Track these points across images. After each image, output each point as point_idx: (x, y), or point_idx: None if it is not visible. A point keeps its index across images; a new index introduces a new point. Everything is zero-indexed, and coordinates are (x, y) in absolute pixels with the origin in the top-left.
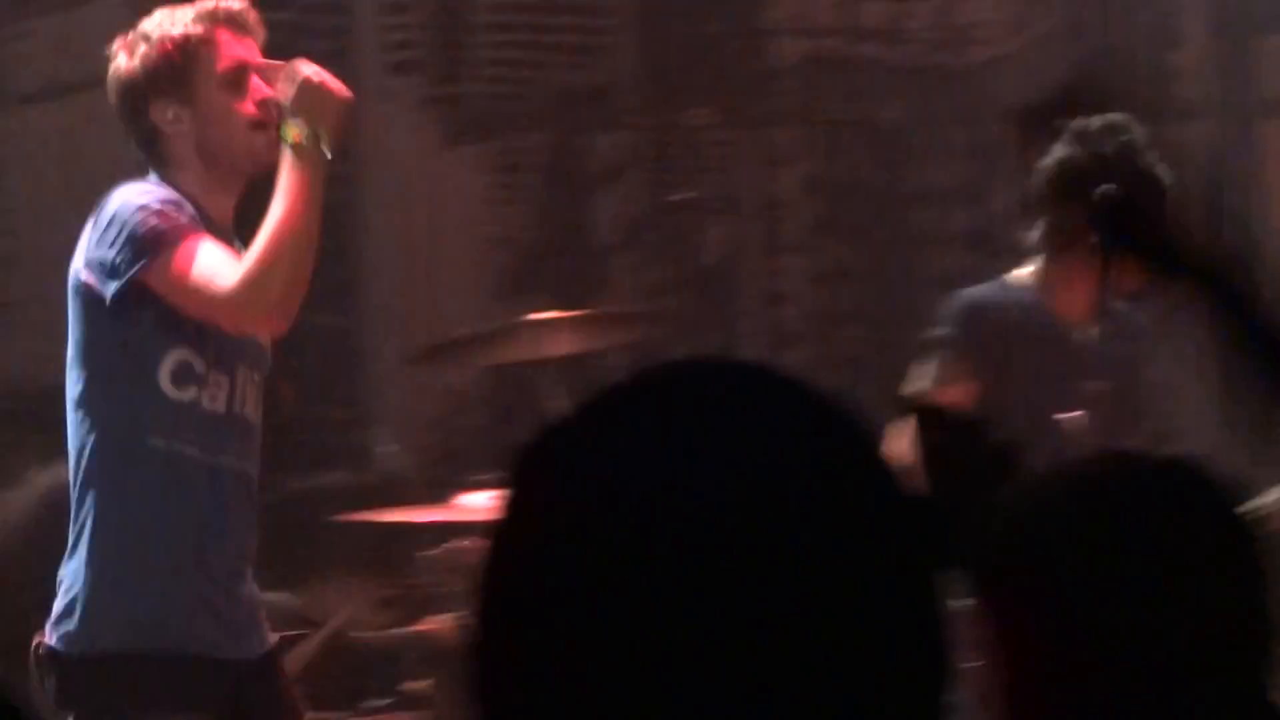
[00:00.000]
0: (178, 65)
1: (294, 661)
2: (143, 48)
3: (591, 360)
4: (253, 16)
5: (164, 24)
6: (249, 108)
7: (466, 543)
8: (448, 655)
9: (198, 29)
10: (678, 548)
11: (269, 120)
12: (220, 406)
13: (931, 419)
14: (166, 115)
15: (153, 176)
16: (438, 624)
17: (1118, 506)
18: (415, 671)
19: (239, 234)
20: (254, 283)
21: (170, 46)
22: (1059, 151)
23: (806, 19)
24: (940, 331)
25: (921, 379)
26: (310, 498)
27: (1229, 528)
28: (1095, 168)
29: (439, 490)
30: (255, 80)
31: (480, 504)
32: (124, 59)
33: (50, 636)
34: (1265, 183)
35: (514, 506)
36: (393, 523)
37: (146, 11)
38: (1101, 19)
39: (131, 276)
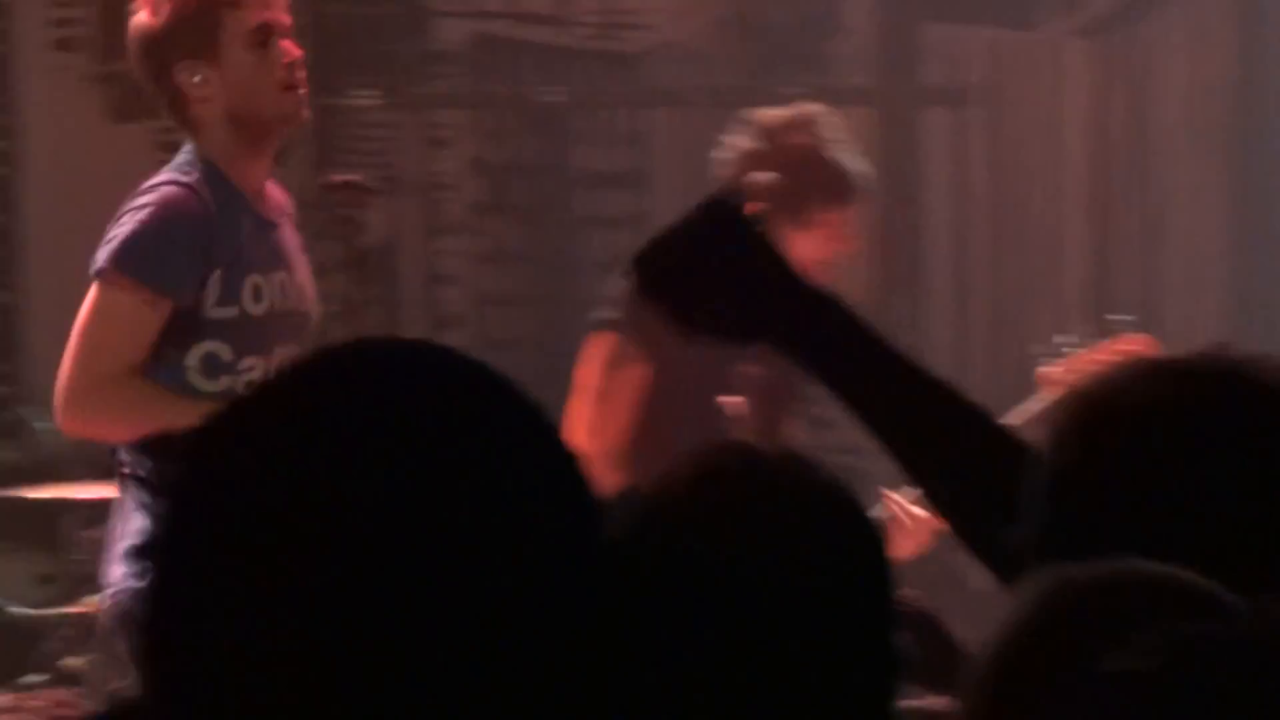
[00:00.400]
0: (204, 24)
1: None
2: (166, 7)
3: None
4: None
5: None
6: (278, 69)
7: None
8: (104, 633)
9: None
10: (349, 526)
11: (298, 82)
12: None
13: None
14: (192, 78)
15: (187, 147)
16: (95, 602)
17: (724, 504)
18: (72, 648)
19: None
20: (92, 397)
21: (195, 4)
22: (742, 143)
23: (472, 2)
24: (611, 312)
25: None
26: None
27: (845, 532)
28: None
29: (98, 469)
30: (283, 41)
31: None
32: (146, 19)
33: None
34: (926, 170)
35: (188, 484)
36: (51, 499)
37: None
38: (763, 7)
39: (115, 292)
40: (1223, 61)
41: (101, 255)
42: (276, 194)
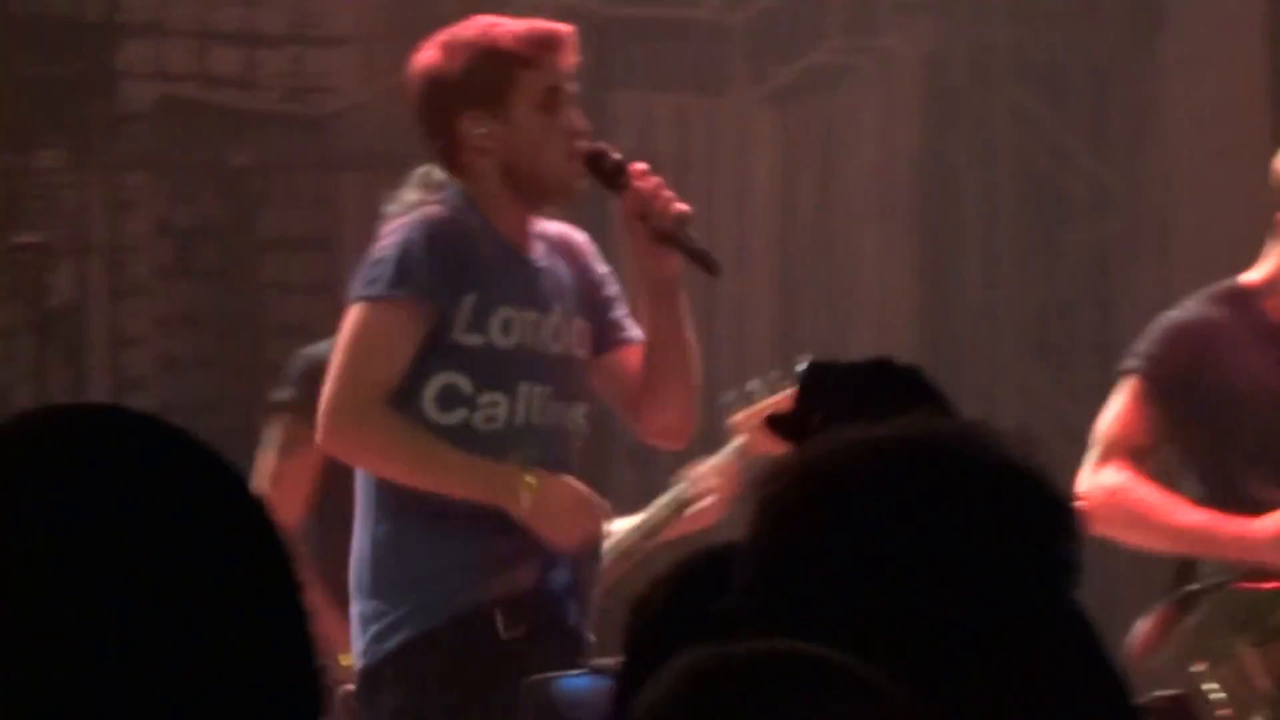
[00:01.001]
0: (498, 78)
1: None
2: (460, 53)
3: None
4: (572, 38)
5: (485, 30)
6: (564, 135)
7: None
8: None
9: (522, 44)
10: (32, 588)
11: (594, 152)
12: (499, 424)
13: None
14: (477, 128)
15: (451, 188)
16: None
17: None
18: None
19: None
20: (358, 423)
21: (493, 57)
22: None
23: (159, 63)
24: (286, 393)
25: None
26: None
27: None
28: None
29: None
30: (572, 109)
31: None
32: (437, 61)
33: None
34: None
35: None
36: None
37: None
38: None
39: (371, 308)
40: (908, 132)
41: (359, 278)
42: (564, 237)
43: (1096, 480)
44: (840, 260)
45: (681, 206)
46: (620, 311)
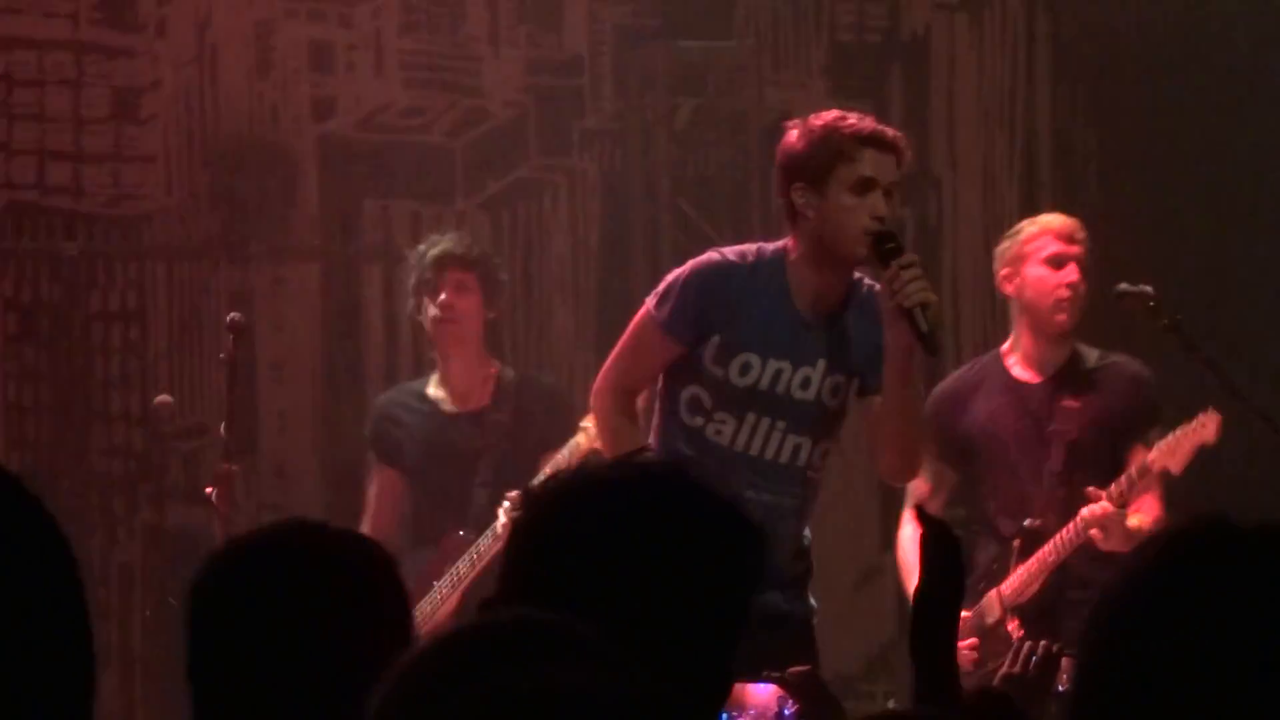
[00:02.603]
0: (823, 161)
1: None
2: (805, 136)
3: None
4: (900, 141)
5: (828, 121)
6: (867, 219)
7: None
8: None
9: (848, 139)
10: None
11: (880, 233)
12: (724, 440)
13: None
14: (801, 198)
15: (787, 239)
16: None
17: None
18: None
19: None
20: (598, 395)
21: (825, 144)
22: None
23: (7, 175)
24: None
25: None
26: None
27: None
28: None
29: None
30: (879, 196)
31: None
32: (792, 137)
33: None
34: (365, 315)
35: None
36: None
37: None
38: (235, 182)
39: (643, 316)
40: (592, 232)
41: (663, 281)
42: (872, 298)
43: (901, 530)
44: (539, 333)
45: (925, 296)
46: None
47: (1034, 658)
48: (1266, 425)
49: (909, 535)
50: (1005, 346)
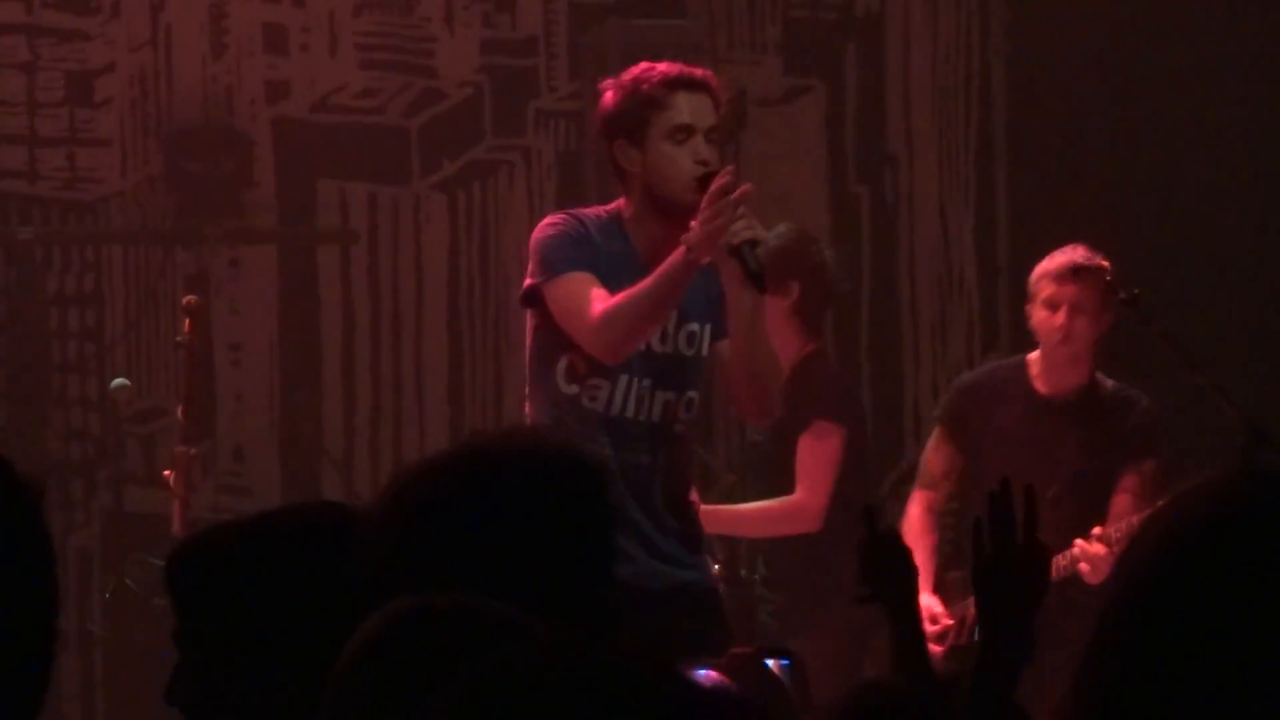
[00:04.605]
0: (636, 114)
1: None
2: (616, 91)
3: None
4: (711, 80)
5: (637, 75)
6: (691, 165)
7: None
8: None
9: (658, 87)
10: None
11: (706, 176)
12: (599, 406)
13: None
14: (623, 154)
15: (619, 201)
16: None
17: None
18: None
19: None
20: (603, 324)
21: (634, 97)
22: None
23: None
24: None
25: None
26: None
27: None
28: None
29: None
30: (701, 141)
31: None
32: (605, 96)
33: None
34: (321, 296)
35: None
36: None
37: None
38: (190, 165)
39: (530, 289)
40: (548, 209)
41: (543, 264)
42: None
43: (908, 508)
44: (495, 311)
45: (753, 233)
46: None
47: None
48: (1221, 398)
49: (912, 517)
50: (1032, 355)
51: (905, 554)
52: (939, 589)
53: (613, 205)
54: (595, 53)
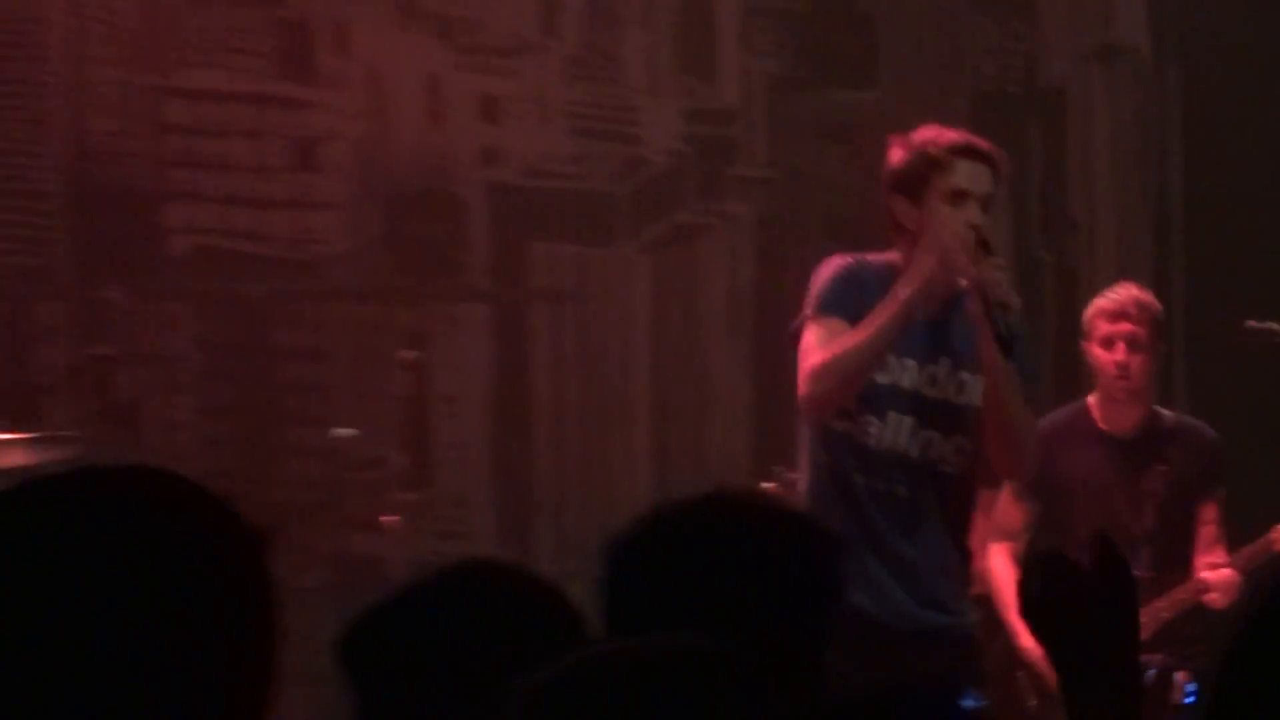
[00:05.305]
0: (918, 174)
1: None
2: (903, 151)
3: (34, 471)
4: (994, 153)
5: (926, 138)
6: (963, 227)
7: None
8: None
9: (943, 152)
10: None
11: (974, 245)
12: (868, 441)
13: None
14: (901, 209)
15: (894, 251)
16: None
17: None
18: None
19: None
20: (819, 371)
21: (919, 158)
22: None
23: (195, 221)
24: None
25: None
26: None
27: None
28: None
29: None
30: (974, 207)
31: None
32: (892, 153)
33: None
34: (532, 352)
35: None
36: None
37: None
38: (407, 227)
39: (796, 324)
40: (748, 272)
41: (811, 301)
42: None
43: (987, 561)
44: (698, 371)
45: (1007, 296)
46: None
47: (1151, 672)
48: None
49: (1001, 568)
50: (1092, 399)
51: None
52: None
53: (891, 255)
54: (791, 122)
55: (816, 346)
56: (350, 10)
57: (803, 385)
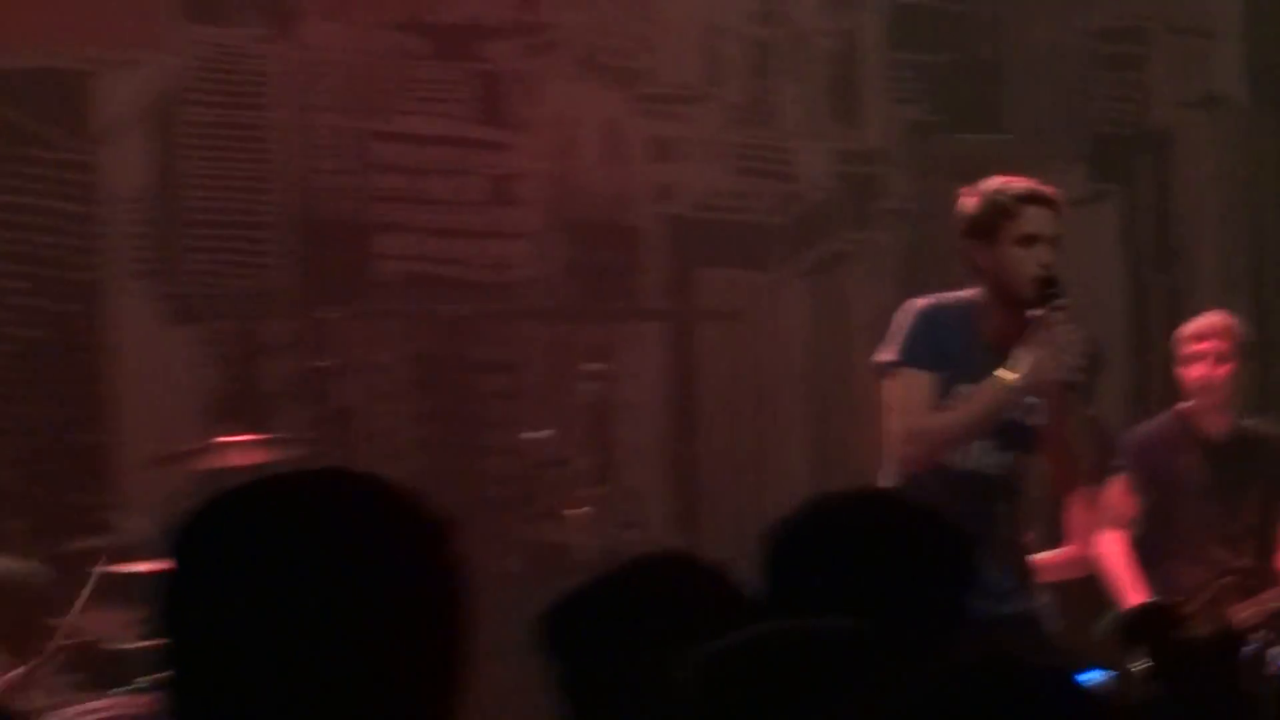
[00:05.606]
0: (990, 221)
1: None
2: (975, 200)
3: (263, 469)
4: (1056, 197)
5: (996, 187)
6: (1033, 268)
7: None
8: None
9: (1010, 200)
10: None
11: (1044, 279)
12: (954, 463)
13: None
14: (978, 252)
15: (969, 289)
16: None
17: None
18: None
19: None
20: (915, 434)
21: (991, 206)
22: None
23: (403, 250)
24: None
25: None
26: (84, 553)
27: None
28: None
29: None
30: (1043, 248)
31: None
32: (965, 203)
33: None
34: (701, 365)
35: (182, 554)
36: (131, 572)
37: None
38: (592, 255)
39: (880, 366)
40: (891, 293)
41: (893, 348)
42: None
43: (1099, 542)
44: (846, 380)
45: (1073, 338)
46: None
47: (1250, 647)
48: None
49: (1110, 544)
50: (1186, 407)
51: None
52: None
53: (969, 292)
54: (928, 162)
55: (903, 403)
56: (539, 64)
57: (898, 440)
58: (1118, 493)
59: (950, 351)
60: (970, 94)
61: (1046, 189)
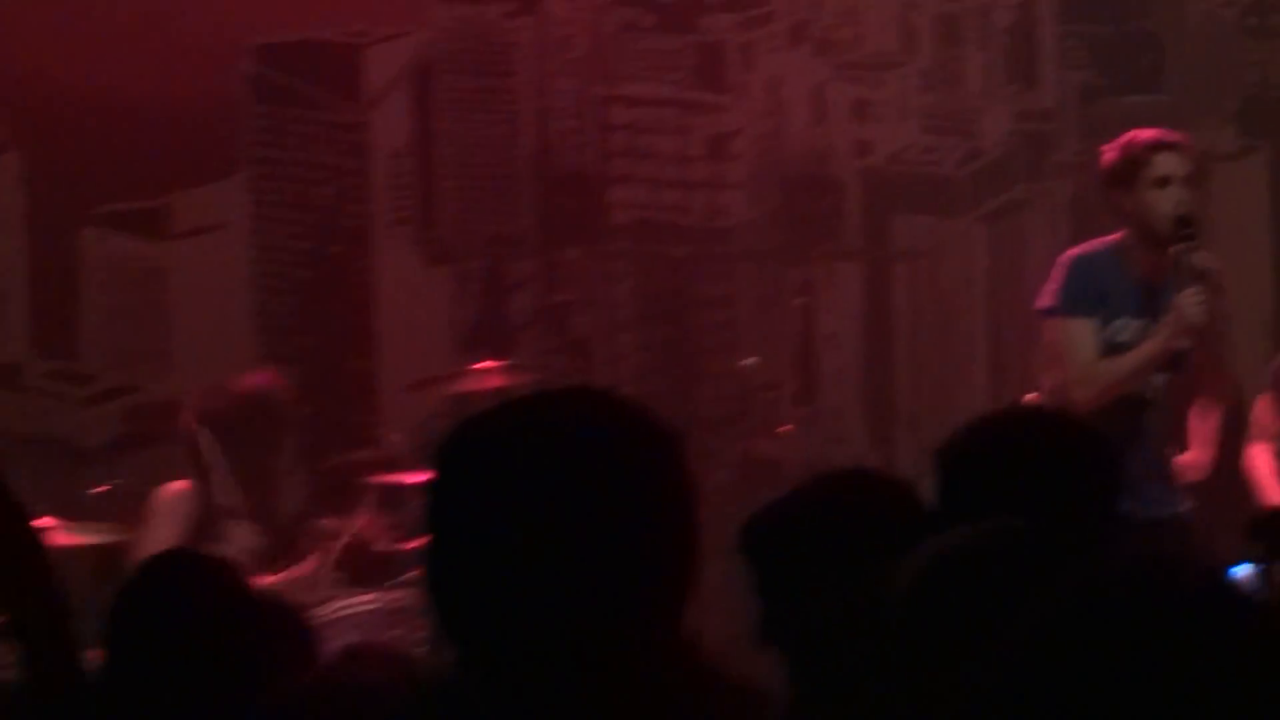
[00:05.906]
0: (1128, 170)
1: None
2: (1112, 154)
3: (510, 392)
4: (1183, 139)
5: (1128, 141)
6: (1170, 207)
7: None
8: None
9: (1142, 149)
10: (546, 503)
11: (1180, 217)
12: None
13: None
14: (1120, 199)
15: (1117, 234)
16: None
17: None
18: None
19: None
20: (1085, 379)
21: (1126, 156)
22: None
23: (632, 199)
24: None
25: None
26: (352, 464)
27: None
28: None
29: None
30: (1176, 188)
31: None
32: (1104, 157)
33: None
34: (893, 303)
35: (444, 466)
36: (395, 482)
37: None
38: (799, 202)
39: (1044, 309)
40: (1065, 237)
41: (1060, 295)
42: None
43: (1247, 454)
44: (1023, 315)
45: (1205, 263)
46: None
47: None
48: None
49: (1258, 455)
50: None
51: None
52: None
53: (1116, 236)
54: (1096, 119)
55: (1075, 348)
56: (752, 34)
57: (1071, 384)
58: (1263, 410)
59: (1104, 292)
60: (1132, 61)
61: (1172, 134)
